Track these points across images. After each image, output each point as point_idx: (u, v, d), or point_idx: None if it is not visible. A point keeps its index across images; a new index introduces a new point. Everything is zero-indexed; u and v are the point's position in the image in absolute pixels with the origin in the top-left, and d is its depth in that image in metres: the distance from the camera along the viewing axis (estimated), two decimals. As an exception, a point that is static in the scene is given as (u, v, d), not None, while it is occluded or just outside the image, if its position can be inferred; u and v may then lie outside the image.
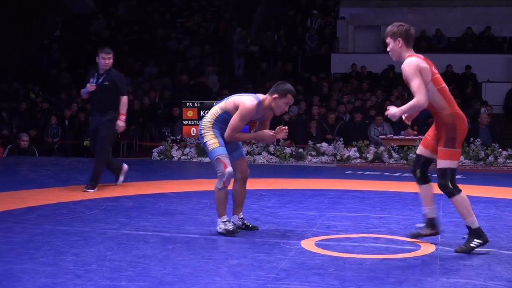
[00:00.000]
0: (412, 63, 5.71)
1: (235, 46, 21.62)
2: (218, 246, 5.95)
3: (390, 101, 17.35)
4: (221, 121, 6.32)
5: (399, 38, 5.80)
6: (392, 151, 13.91)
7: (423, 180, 6.08)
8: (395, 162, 13.74)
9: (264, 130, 6.40)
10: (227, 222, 6.31)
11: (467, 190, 6.79)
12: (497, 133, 15.34)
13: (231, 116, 6.25)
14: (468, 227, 5.77)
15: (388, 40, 5.87)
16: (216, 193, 6.29)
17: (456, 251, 5.72)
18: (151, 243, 6.01)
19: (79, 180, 10.08)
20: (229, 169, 6.19)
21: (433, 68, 5.85)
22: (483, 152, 13.52)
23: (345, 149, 14.07)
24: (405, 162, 13.55)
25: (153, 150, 14.61)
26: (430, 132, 6.07)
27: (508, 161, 13.32)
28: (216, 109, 6.37)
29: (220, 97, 17.42)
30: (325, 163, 13.82)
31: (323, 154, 13.99)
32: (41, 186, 9.72)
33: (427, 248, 5.95)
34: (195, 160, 14.04)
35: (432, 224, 6.17)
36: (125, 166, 9.94)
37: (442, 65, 20.43)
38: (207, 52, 21.63)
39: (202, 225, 6.87)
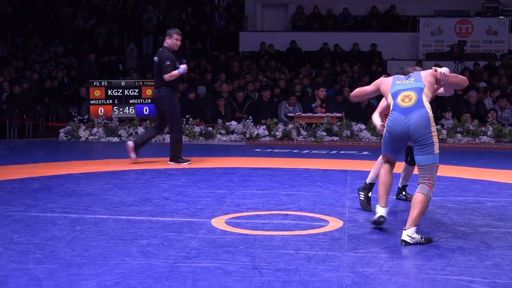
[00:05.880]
0: None
1: (144, 24, 21.36)
2: (128, 226, 5.89)
3: (298, 79, 17.51)
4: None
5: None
6: (301, 128, 14.06)
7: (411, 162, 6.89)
8: (303, 139, 13.90)
9: None
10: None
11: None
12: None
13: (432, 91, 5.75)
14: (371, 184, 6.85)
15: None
16: (425, 202, 5.44)
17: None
18: (59, 225, 5.92)
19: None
20: None
21: None
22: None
23: (254, 127, 14.13)
24: (313, 139, 13.72)
25: (60, 131, 14.33)
26: None
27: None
28: (425, 98, 5.59)
29: (128, 76, 17.20)
30: (234, 141, 13.86)
31: (232, 132, 14.02)
32: None
33: (335, 224, 6.06)
34: (103, 140, 13.86)
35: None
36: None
37: (349, 44, 20.79)
38: (115, 31, 21.32)
39: (111, 206, 6.81)
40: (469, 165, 10.21)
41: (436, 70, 5.78)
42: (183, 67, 9.90)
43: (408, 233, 5.38)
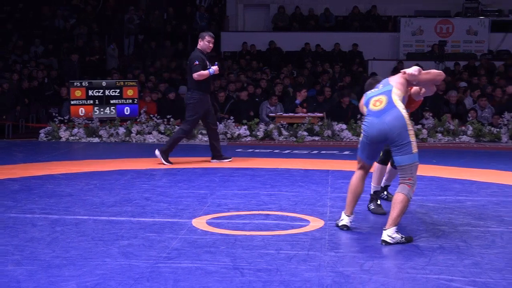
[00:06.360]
0: None
1: (126, 25, 21.30)
2: (108, 227, 5.88)
3: (280, 79, 17.52)
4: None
5: None
6: (282, 128, 14.07)
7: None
8: (285, 139, 13.91)
9: None
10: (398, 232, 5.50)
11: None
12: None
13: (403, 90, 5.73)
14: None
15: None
16: (405, 202, 5.46)
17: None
18: (39, 226, 5.89)
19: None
20: None
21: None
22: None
23: (235, 127, 14.12)
24: (294, 139, 13.73)
25: (40, 131, 14.25)
26: None
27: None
28: (395, 98, 5.58)
29: (110, 76, 17.12)
30: (216, 141, 13.82)
31: (213, 132, 13.98)
32: None
33: (316, 224, 6.07)
34: (83, 140, 13.79)
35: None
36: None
37: (330, 44, 20.82)
38: (95, 31, 21.23)
39: (92, 207, 6.79)
40: (449, 165, 10.26)
41: (404, 72, 5.80)
42: (214, 68, 9.98)
43: (388, 233, 5.41)
